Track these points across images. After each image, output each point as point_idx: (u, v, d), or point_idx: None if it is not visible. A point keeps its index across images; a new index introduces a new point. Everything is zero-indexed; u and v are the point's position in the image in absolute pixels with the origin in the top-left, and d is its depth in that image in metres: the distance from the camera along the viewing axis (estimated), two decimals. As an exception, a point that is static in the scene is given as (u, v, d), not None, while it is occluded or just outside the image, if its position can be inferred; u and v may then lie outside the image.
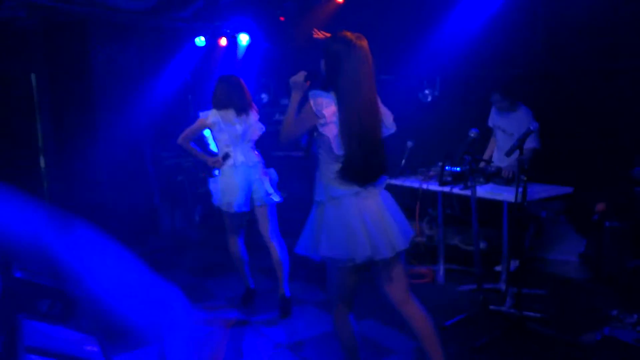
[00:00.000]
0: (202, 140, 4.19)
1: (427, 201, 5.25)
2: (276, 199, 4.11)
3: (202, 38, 6.91)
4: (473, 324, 3.75)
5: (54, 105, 6.01)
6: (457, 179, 4.33)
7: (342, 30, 2.49)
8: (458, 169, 4.30)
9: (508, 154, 3.62)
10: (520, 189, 3.53)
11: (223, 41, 7.00)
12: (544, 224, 5.09)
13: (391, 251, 2.45)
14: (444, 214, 4.86)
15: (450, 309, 3.96)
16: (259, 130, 4.13)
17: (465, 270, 4.84)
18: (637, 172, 4.27)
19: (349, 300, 2.68)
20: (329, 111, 2.40)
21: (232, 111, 3.99)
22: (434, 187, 4.48)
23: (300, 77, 2.63)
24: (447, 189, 4.34)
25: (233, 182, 3.98)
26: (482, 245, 5.06)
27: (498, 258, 4.56)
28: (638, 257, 4.41)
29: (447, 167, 4.39)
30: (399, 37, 5.95)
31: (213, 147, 4.14)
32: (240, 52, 7.16)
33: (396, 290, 2.63)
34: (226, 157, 4.02)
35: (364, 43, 2.45)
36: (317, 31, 2.75)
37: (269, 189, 4.09)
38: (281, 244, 4.14)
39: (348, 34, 2.46)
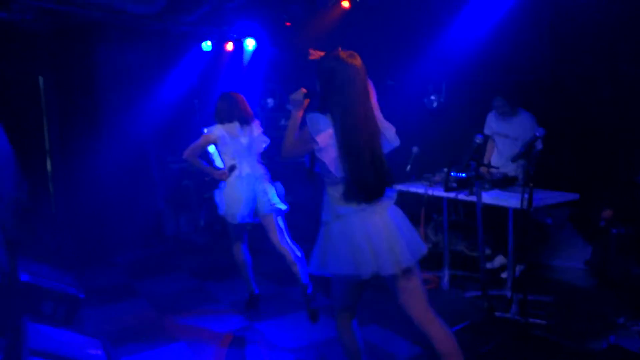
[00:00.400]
0: (207, 156, 4.21)
1: (432, 207, 5.25)
2: (282, 207, 4.12)
3: (209, 42, 6.93)
4: (478, 330, 3.73)
5: (61, 108, 6.03)
6: (462, 185, 4.31)
7: (335, 49, 2.46)
8: (463, 174, 4.29)
9: (514, 160, 3.61)
10: (526, 196, 3.51)
11: (229, 46, 7.02)
12: (550, 230, 5.07)
13: (396, 267, 2.41)
14: (449, 220, 4.85)
15: (455, 315, 3.93)
16: (263, 143, 4.17)
17: (470, 277, 4.82)
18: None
19: (352, 308, 2.69)
20: (324, 136, 2.36)
21: (236, 124, 4.04)
22: (439, 192, 4.47)
23: (299, 94, 2.58)
24: (453, 194, 4.32)
25: (238, 193, 4.01)
26: (487, 251, 5.04)
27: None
28: (644, 264, 4.39)
29: (452, 173, 4.37)
30: (405, 42, 5.95)
31: (218, 163, 4.18)
32: (247, 57, 7.18)
33: (414, 308, 2.55)
34: (232, 168, 4.05)
35: (356, 61, 2.41)
36: (312, 52, 2.70)
37: (274, 199, 4.10)
38: (293, 249, 4.11)
39: (340, 52, 2.43)
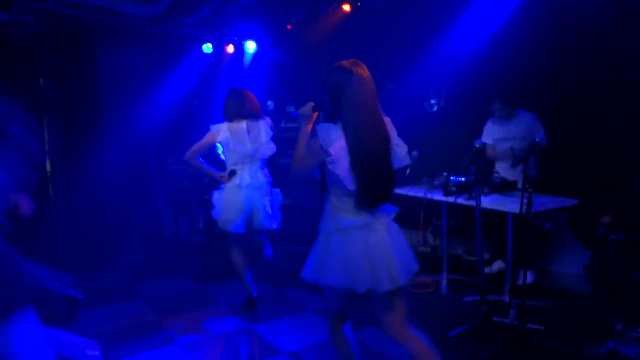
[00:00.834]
0: (213, 150, 4.24)
1: (432, 211, 5.24)
2: (274, 226, 4.19)
3: (210, 45, 6.94)
4: (476, 335, 3.73)
5: (61, 109, 6.04)
6: (461, 189, 4.32)
7: (338, 61, 2.46)
8: (463, 179, 4.29)
9: (513, 165, 3.61)
10: (526, 201, 3.51)
11: (230, 48, 7.03)
12: (549, 236, 5.07)
13: (392, 284, 2.44)
14: (448, 224, 4.85)
15: (453, 320, 3.94)
16: (269, 150, 4.18)
17: (469, 281, 4.82)
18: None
19: (344, 314, 2.73)
20: (337, 147, 2.37)
21: (243, 123, 4.05)
22: (438, 197, 4.48)
23: (308, 108, 2.56)
24: (452, 199, 4.33)
25: (236, 202, 4.04)
26: (486, 256, 5.04)
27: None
28: (643, 270, 4.39)
29: (452, 177, 4.38)
30: (406, 46, 5.96)
31: (223, 157, 4.21)
32: (247, 60, 7.19)
33: (392, 322, 2.59)
34: (232, 173, 4.05)
35: (362, 69, 2.42)
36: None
37: (269, 218, 4.16)
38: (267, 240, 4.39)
39: (345, 62, 2.44)
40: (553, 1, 4.90)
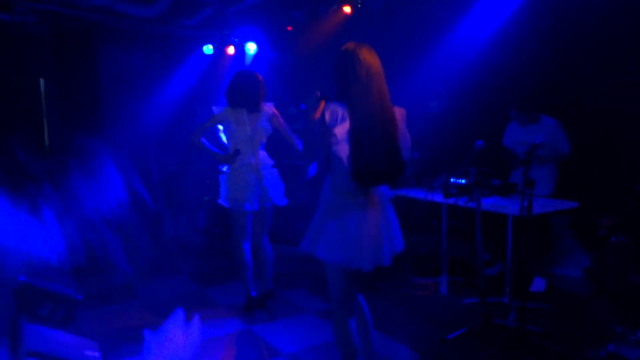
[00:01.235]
0: (214, 134, 4.26)
1: (432, 212, 5.24)
2: (283, 202, 4.24)
3: (210, 46, 6.95)
4: (476, 337, 3.72)
5: (62, 109, 6.04)
6: (462, 191, 4.32)
7: (347, 42, 2.53)
8: (463, 181, 4.29)
9: (513, 168, 3.61)
10: (526, 203, 3.51)
11: (231, 50, 7.04)
12: (553, 238, 5.06)
13: (375, 265, 2.53)
14: (448, 226, 4.85)
15: (453, 322, 3.94)
16: (265, 132, 4.17)
17: (469, 283, 4.81)
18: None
19: (349, 305, 2.71)
20: (342, 128, 2.42)
21: (244, 110, 4.06)
22: (438, 199, 4.47)
23: (314, 98, 2.56)
24: (452, 201, 4.33)
25: (243, 180, 4.06)
26: (486, 257, 5.03)
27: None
28: (644, 273, 4.38)
29: (452, 179, 4.38)
30: (406, 48, 5.96)
31: (225, 141, 4.22)
32: (248, 61, 7.19)
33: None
34: (236, 153, 4.06)
35: (367, 51, 2.47)
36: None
37: (279, 192, 4.21)
38: (269, 248, 4.34)
39: (351, 44, 2.49)
40: (553, 4, 4.90)
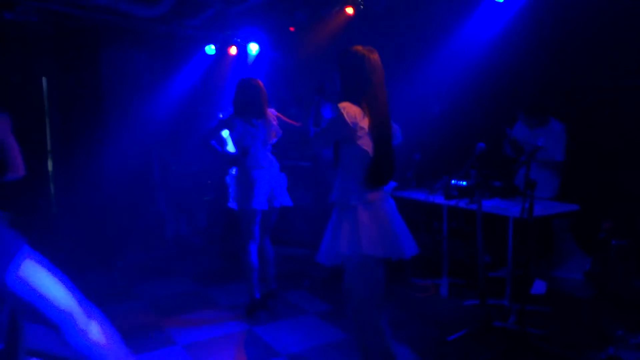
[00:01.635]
0: (220, 141, 4.31)
1: (433, 214, 5.24)
2: (290, 204, 4.31)
3: (212, 46, 6.96)
4: (476, 339, 3.72)
5: (64, 109, 6.05)
6: (463, 193, 4.32)
7: (354, 46, 2.68)
8: (464, 183, 4.29)
9: (514, 170, 3.61)
10: (527, 206, 3.51)
11: (233, 50, 7.05)
12: (555, 241, 5.05)
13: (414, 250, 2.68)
14: (449, 227, 4.85)
15: (453, 324, 3.93)
16: (275, 134, 4.25)
17: (470, 285, 4.81)
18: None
19: (381, 301, 2.73)
20: (363, 124, 2.54)
21: (251, 116, 4.14)
22: (439, 200, 4.47)
23: (319, 89, 2.83)
24: (453, 203, 4.33)
25: (252, 180, 4.10)
26: (487, 259, 5.03)
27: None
28: (644, 276, 4.37)
29: (453, 181, 4.38)
30: (408, 49, 5.97)
31: (230, 148, 4.26)
32: (250, 61, 7.20)
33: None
34: (245, 153, 4.11)
35: (376, 55, 2.65)
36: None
37: (285, 193, 4.28)
38: (270, 244, 4.42)
39: (360, 48, 2.66)
40: (555, 7, 4.90)
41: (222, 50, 7.05)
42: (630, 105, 4.53)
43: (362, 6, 5.80)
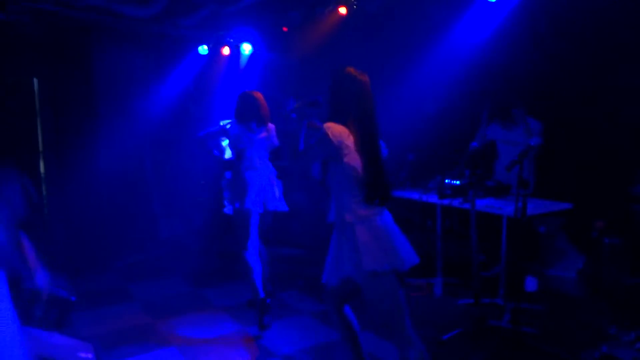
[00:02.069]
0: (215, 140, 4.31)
1: (427, 213, 5.25)
2: (285, 209, 4.30)
3: (205, 47, 6.94)
4: (470, 338, 3.73)
5: (56, 110, 6.01)
6: (456, 193, 4.33)
7: (346, 68, 2.65)
8: (458, 182, 4.30)
9: (508, 169, 3.63)
10: (520, 204, 3.52)
11: (226, 50, 7.03)
12: (541, 239, 5.08)
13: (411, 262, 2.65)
14: (443, 227, 4.85)
15: (447, 323, 3.94)
16: (270, 144, 4.28)
17: (464, 284, 4.82)
18: (636, 190, 4.27)
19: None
20: (351, 141, 2.53)
21: (253, 124, 4.17)
22: (433, 199, 4.48)
23: (302, 105, 2.74)
24: (447, 202, 4.33)
25: (245, 180, 4.11)
26: (481, 258, 5.04)
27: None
28: (636, 274, 4.40)
29: (447, 180, 4.39)
30: (402, 49, 5.97)
31: (228, 155, 4.26)
32: (243, 62, 7.19)
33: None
34: (240, 156, 4.13)
35: (366, 78, 2.64)
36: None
37: (281, 198, 4.28)
38: (263, 246, 4.42)
39: (352, 70, 2.63)
40: (549, 6, 4.92)
41: (215, 50, 7.04)
42: (624, 105, 4.55)
43: (355, 6, 5.80)
